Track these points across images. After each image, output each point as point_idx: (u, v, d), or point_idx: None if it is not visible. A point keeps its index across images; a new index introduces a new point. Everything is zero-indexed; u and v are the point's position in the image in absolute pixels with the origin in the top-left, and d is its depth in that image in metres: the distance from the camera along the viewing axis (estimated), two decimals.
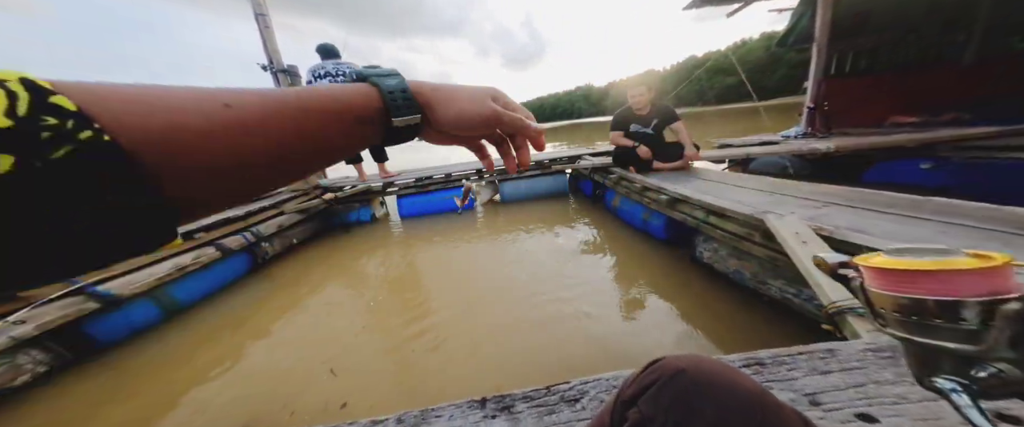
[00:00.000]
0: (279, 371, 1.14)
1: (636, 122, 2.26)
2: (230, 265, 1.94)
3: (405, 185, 3.18)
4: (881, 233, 0.89)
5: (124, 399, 1.06)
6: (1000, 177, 1.89)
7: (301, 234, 2.59)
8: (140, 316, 1.47)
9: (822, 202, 1.23)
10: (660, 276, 1.52)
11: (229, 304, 1.70)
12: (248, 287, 1.90)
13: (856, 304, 0.62)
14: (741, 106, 49.61)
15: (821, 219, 1.04)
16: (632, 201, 2.17)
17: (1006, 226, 0.83)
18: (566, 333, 1.16)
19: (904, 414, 0.36)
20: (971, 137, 2.09)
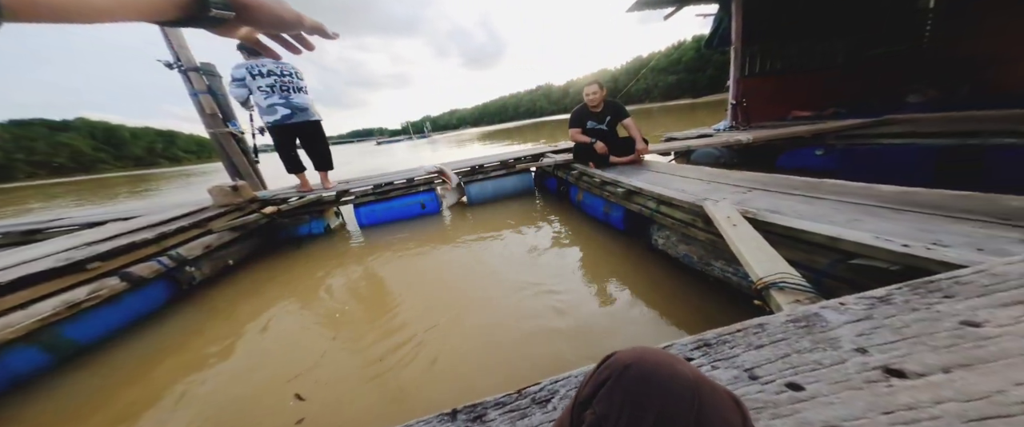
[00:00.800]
0: (226, 401, 0.99)
1: (592, 119, 2.38)
2: (144, 296, 1.65)
3: (363, 193, 2.95)
4: (790, 211, 1.06)
5: None
6: (870, 160, 2.38)
7: (239, 254, 2.27)
8: (22, 364, 1.20)
9: (747, 188, 1.42)
10: (622, 265, 1.62)
11: (151, 339, 1.44)
12: (175, 318, 1.62)
13: (778, 279, 0.73)
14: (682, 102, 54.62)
15: (746, 203, 1.20)
16: (593, 195, 2.28)
17: (876, 201, 1.04)
18: (537, 330, 1.18)
19: (821, 379, 0.41)
20: (846, 128, 2.59)
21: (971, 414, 0.33)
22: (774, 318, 0.52)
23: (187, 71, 2.53)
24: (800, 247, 0.91)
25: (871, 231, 0.82)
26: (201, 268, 1.96)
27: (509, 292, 1.47)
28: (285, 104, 2.41)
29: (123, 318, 1.55)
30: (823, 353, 0.44)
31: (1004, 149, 1.77)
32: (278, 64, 2.40)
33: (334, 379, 1.06)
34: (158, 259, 1.74)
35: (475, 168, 3.37)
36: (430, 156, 12.33)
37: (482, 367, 1.04)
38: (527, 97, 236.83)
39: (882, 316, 0.48)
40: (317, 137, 2.69)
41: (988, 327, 0.42)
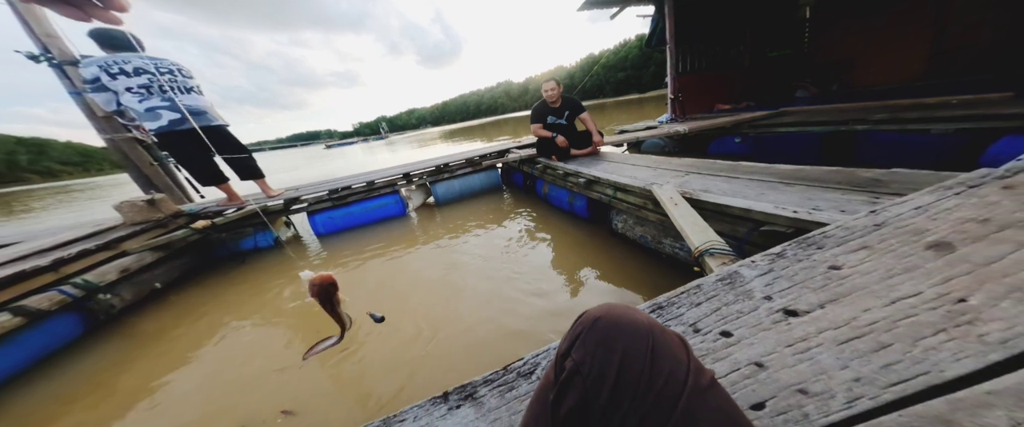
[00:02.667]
0: None
1: (552, 114, 2.49)
2: (48, 331, 1.38)
3: (317, 199, 2.70)
4: (717, 190, 1.26)
5: None
6: (774, 144, 2.89)
7: (167, 275, 1.96)
8: None
9: (685, 172, 1.64)
10: (587, 249, 1.76)
11: (66, 378, 1.22)
12: (96, 351, 1.38)
13: (708, 247, 0.88)
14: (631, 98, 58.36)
15: (685, 185, 1.40)
16: (558, 187, 2.41)
17: (775, 178, 1.30)
18: (516, 318, 1.25)
19: (744, 325, 0.51)
20: (755, 119, 3.10)
21: (840, 338, 0.44)
22: (707, 279, 0.64)
23: (62, 65, 2.03)
24: (725, 220, 1.11)
25: (772, 202, 1.03)
26: (120, 294, 1.67)
27: (484, 286, 1.51)
28: (170, 107, 1.97)
29: (20, 359, 1.28)
30: (743, 304, 0.54)
31: (864, 133, 2.30)
32: (150, 59, 1.94)
33: (300, 401, 1.00)
34: (59, 288, 1.43)
35: (440, 167, 3.30)
36: (389, 159, 11.63)
37: (467, 360, 1.07)
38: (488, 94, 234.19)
39: (780, 268, 0.61)
40: (227, 144, 2.29)
41: (845, 269, 0.57)
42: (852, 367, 0.40)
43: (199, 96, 2.16)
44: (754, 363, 0.45)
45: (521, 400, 0.47)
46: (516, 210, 2.67)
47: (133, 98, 1.91)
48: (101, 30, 1.87)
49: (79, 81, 2.03)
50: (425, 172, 3.25)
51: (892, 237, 0.59)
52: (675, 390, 0.24)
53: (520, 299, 1.36)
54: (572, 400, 0.26)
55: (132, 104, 1.92)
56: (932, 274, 0.49)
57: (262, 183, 2.57)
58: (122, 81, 1.87)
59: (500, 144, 4.60)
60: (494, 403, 0.48)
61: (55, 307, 1.40)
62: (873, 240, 0.60)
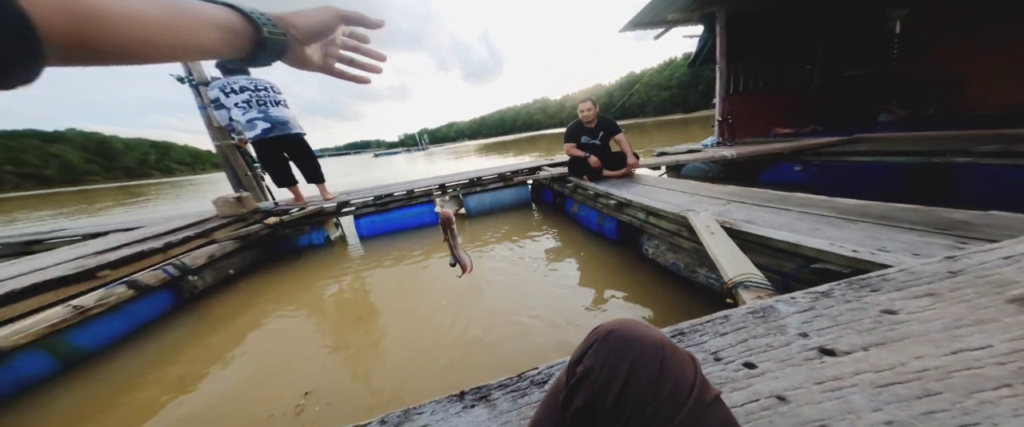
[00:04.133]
0: (223, 408, 1.02)
1: (586, 134, 2.53)
2: (148, 304, 1.67)
3: (363, 204, 3.03)
4: (763, 222, 1.17)
5: None
6: (845, 175, 2.55)
7: (240, 264, 2.30)
8: (29, 369, 1.22)
9: (726, 200, 1.54)
10: (614, 272, 1.71)
11: (152, 347, 1.46)
12: (176, 326, 1.64)
13: (744, 279, 0.83)
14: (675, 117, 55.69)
15: (725, 214, 1.32)
16: (588, 207, 2.39)
17: (833, 212, 1.16)
18: (535, 333, 1.25)
19: (771, 358, 0.49)
20: (822, 145, 2.78)
21: (879, 382, 0.42)
22: (737, 310, 0.61)
23: (198, 85, 2.64)
24: (768, 253, 1.02)
25: (828, 238, 0.93)
26: (203, 277, 1.98)
27: (508, 301, 1.53)
28: (264, 118, 2.44)
29: (127, 326, 1.58)
30: (774, 338, 0.53)
31: (965, 167, 1.93)
32: (251, 79, 2.44)
33: (331, 388, 1.10)
34: (164, 268, 1.76)
35: (473, 180, 3.49)
36: (426, 169, 12.44)
37: (488, 365, 1.10)
38: (524, 111, 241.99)
39: (822, 307, 0.57)
40: (302, 151, 2.70)
41: (901, 314, 0.52)
42: (887, 410, 0.37)
43: (285, 109, 2.62)
44: (776, 396, 0.43)
45: (532, 406, 0.49)
46: (543, 227, 2.69)
47: (238, 112, 2.42)
48: (227, 63, 2.43)
49: (206, 99, 2.62)
50: (459, 184, 3.46)
51: (968, 286, 0.52)
52: (678, 401, 0.25)
53: (540, 315, 1.37)
54: (579, 401, 0.28)
55: (238, 117, 2.44)
56: (1010, 329, 0.42)
57: (321, 187, 2.97)
58: (232, 98, 2.40)
59: (532, 160, 4.72)
60: (506, 406, 0.50)
61: (158, 284, 1.70)
62: (943, 288, 0.53)
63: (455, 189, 3.43)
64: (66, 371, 1.32)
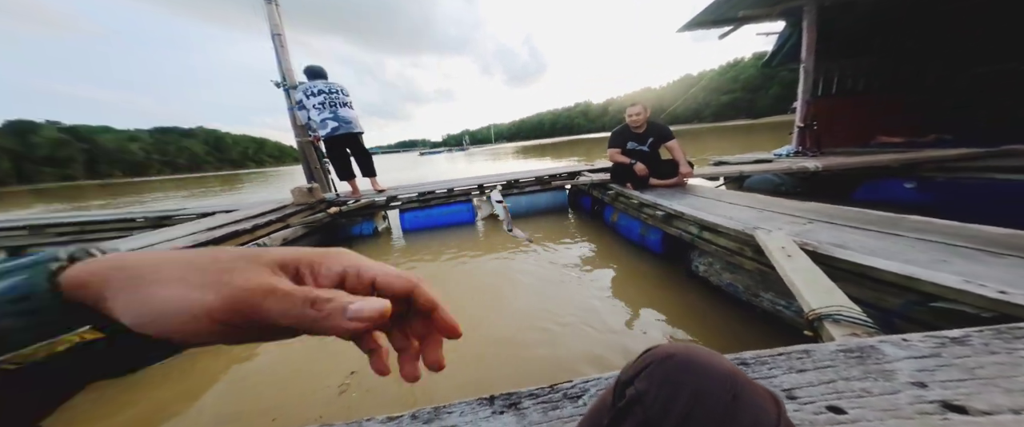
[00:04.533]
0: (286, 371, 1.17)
1: (633, 140, 2.38)
2: None
3: (408, 199, 3.26)
4: (859, 247, 0.96)
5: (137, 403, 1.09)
6: (983, 197, 1.97)
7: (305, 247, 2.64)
8: None
9: (808, 219, 1.30)
10: (656, 288, 1.56)
11: None
12: None
13: (834, 311, 0.68)
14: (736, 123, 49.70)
15: (806, 235, 1.11)
16: (630, 216, 2.24)
17: (969, 242, 0.90)
18: (565, 341, 1.19)
19: (868, 406, 0.40)
20: (951, 158, 2.20)
21: None
22: (823, 346, 0.51)
23: (288, 89, 3.13)
24: (867, 285, 0.82)
25: (960, 274, 0.71)
26: None
27: (538, 305, 1.50)
28: (334, 118, 2.81)
29: None
30: (874, 383, 0.43)
31: None
32: (328, 83, 2.80)
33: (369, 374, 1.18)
34: (252, 246, 2.12)
35: (511, 182, 3.52)
36: (465, 168, 12.87)
37: (514, 370, 1.09)
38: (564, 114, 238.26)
39: (952, 356, 0.44)
40: (360, 148, 3.06)
41: None
42: None
43: (350, 110, 2.99)
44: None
45: (564, 421, 0.46)
46: (580, 234, 2.59)
47: (315, 112, 2.83)
48: (310, 66, 2.89)
49: (293, 100, 3.10)
50: (497, 185, 3.53)
51: None
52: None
53: (570, 323, 1.31)
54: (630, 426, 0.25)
55: (314, 117, 2.84)
56: None
57: (374, 181, 3.29)
58: (312, 100, 2.81)
59: (569, 165, 4.60)
60: (536, 418, 0.48)
61: None
62: None
63: (493, 189, 3.50)
64: None
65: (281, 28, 3.06)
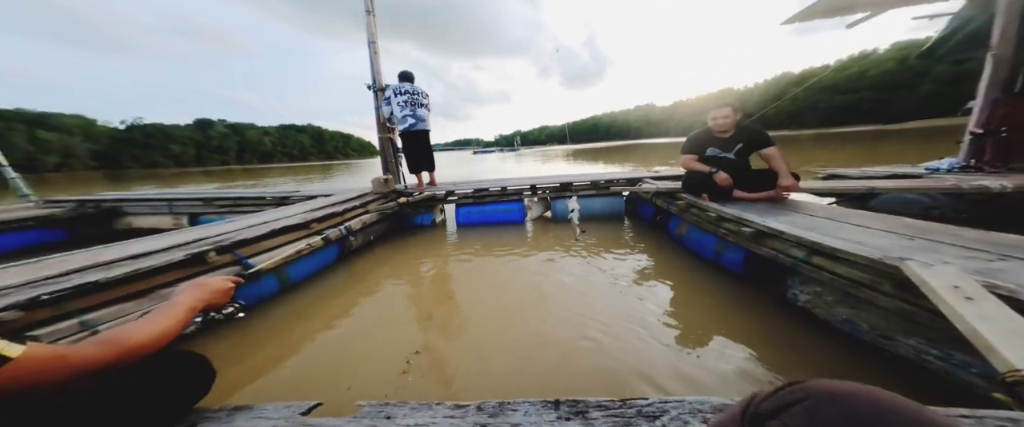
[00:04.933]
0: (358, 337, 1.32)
1: (715, 146, 2.06)
2: (327, 253, 2.16)
3: (464, 195, 3.44)
4: None
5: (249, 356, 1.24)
6: None
7: (377, 232, 2.89)
8: (267, 288, 1.71)
9: (997, 254, 0.92)
10: (732, 312, 1.33)
11: (321, 286, 1.97)
12: (335, 274, 2.17)
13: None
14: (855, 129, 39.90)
15: (997, 274, 0.79)
16: (703, 231, 1.96)
17: None
18: (615, 353, 1.09)
19: None
20: None
21: None
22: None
23: (376, 90, 3.61)
24: None
25: None
26: (356, 239, 2.56)
27: (584, 313, 1.40)
28: (412, 115, 3.23)
29: (313, 268, 2.00)
30: None
31: None
32: (414, 87, 3.24)
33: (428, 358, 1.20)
34: (340, 227, 2.37)
35: (564, 185, 3.43)
36: (514, 168, 12.95)
37: (558, 372, 1.04)
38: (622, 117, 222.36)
39: None
40: (425, 145, 3.42)
41: None
42: None
43: (425, 110, 3.37)
44: None
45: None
46: (636, 244, 2.38)
47: (398, 109, 3.28)
48: (403, 71, 3.38)
49: (380, 101, 3.54)
50: (549, 187, 3.47)
51: None
52: None
53: (622, 337, 1.19)
54: None
55: (396, 112, 3.29)
56: None
57: (433, 176, 3.59)
58: (398, 98, 3.26)
59: (629, 170, 4.26)
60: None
61: (336, 239, 2.12)
62: None
63: (545, 192, 3.47)
64: (281, 293, 1.75)
65: (376, 37, 3.53)
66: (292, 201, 3.21)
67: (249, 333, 1.38)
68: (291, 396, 0.97)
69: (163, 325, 0.48)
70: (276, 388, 1.06)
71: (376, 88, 3.53)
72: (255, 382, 1.09)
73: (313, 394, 0.94)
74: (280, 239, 1.85)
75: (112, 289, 1.15)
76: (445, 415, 0.54)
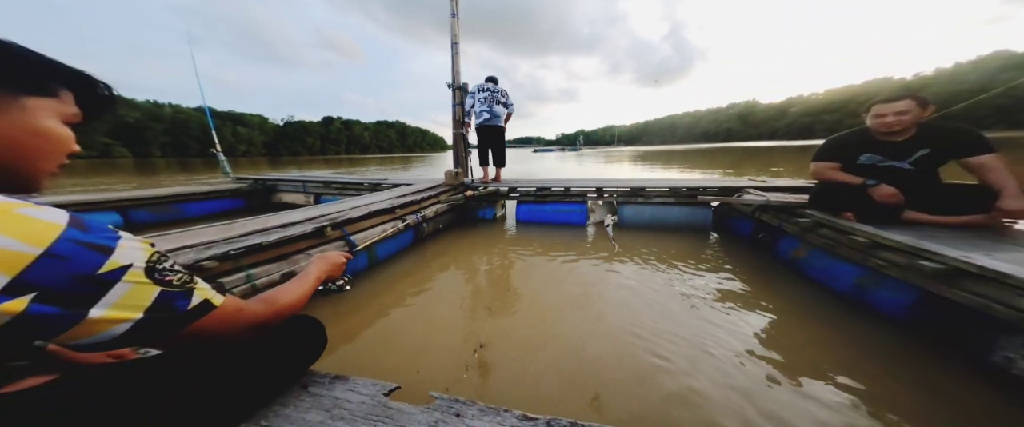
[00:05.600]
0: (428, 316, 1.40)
1: (875, 151, 1.51)
2: (405, 237, 2.35)
3: (526, 192, 3.43)
4: None
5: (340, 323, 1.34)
6: None
7: (445, 221, 3.10)
8: (359, 264, 1.86)
9: None
10: (884, 365, 0.98)
11: (398, 267, 2.03)
12: (408, 257, 2.24)
13: None
14: None
15: None
16: (837, 258, 1.51)
17: None
18: (695, 385, 0.90)
19: None
20: None
21: None
22: None
23: (455, 89, 3.88)
24: None
25: None
26: (428, 226, 2.78)
27: (654, 334, 1.20)
28: (488, 110, 3.45)
29: (393, 249, 2.18)
30: None
31: None
32: (495, 86, 3.49)
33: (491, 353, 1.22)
34: (416, 214, 2.63)
35: (635, 189, 3.09)
36: (572, 168, 12.44)
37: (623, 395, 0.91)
38: (709, 117, 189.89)
39: None
40: (497, 140, 3.59)
41: None
42: None
43: (502, 108, 3.57)
44: None
45: None
46: (722, 262, 1.98)
47: (478, 105, 3.55)
48: (490, 75, 3.68)
49: (458, 98, 3.78)
50: (617, 190, 3.18)
51: None
52: None
53: (698, 368, 0.97)
54: None
55: (476, 107, 3.56)
56: None
57: (499, 171, 3.69)
58: (479, 94, 3.56)
59: (714, 178, 3.57)
60: None
61: (413, 224, 2.32)
62: None
63: (612, 195, 3.19)
64: (368, 269, 1.90)
65: (458, 38, 3.77)
66: (382, 188, 3.68)
67: (341, 304, 1.50)
68: (371, 370, 1.06)
69: (301, 291, 0.53)
70: (358, 360, 1.12)
71: (455, 86, 3.77)
72: (341, 351, 1.15)
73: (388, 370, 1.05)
74: (372, 221, 2.10)
75: (269, 251, 1.39)
76: (512, 425, 0.51)
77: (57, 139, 0.36)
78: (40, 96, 0.34)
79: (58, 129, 0.36)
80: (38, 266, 0.27)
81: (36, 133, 0.34)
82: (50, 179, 0.36)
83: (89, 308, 0.30)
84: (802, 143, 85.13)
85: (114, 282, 0.31)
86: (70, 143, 0.37)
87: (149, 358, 0.49)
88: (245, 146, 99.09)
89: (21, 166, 0.33)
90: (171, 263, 0.36)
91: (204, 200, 3.88)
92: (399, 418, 0.51)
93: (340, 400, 0.55)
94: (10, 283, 0.26)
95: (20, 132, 0.33)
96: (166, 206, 3.55)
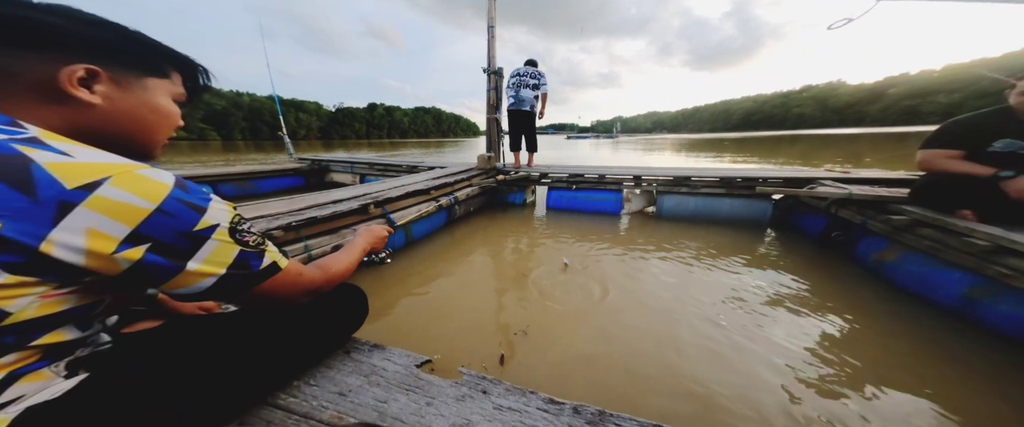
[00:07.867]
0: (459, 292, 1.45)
1: (1019, 136, 1.17)
2: (439, 217, 2.43)
3: (557, 179, 3.33)
4: None
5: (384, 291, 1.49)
6: None
7: (476, 204, 3.17)
8: (397, 240, 1.97)
9: None
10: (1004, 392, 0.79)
11: (430, 246, 2.12)
12: (440, 237, 2.31)
13: None
14: None
15: None
16: (941, 263, 1.24)
17: None
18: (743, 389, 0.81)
19: None
20: None
21: None
22: None
23: (490, 74, 3.81)
24: None
25: None
26: (460, 208, 2.85)
27: (698, 334, 1.11)
28: (515, 95, 3.38)
29: (427, 229, 2.27)
30: None
31: None
32: (528, 69, 3.38)
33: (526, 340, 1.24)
34: (449, 196, 2.71)
35: (679, 179, 2.82)
36: (605, 156, 11.78)
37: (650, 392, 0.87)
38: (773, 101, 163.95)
39: None
40: (528, 125, 3.50)
41: None
42: None
43: (529, 91, 3.44)
44: None
45: None
46: (778, 262, 1.76)
47: (509, 90, 3.51)
48: (531, 58, 3.56)
49: (493, 84, 3.71)
50: (657, 179, 2.93)
51: None
52: None
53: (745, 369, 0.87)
54: None
55: (508, 92, 3.52)
56: None
57: (531, 157, 3.62)
58: (511, 79, 3.49)
59: (775, 169, 3.09)
60: None
61: (446, 206, 2.39)
62: None
63: (652, 184, 2.95)
64: (405, 247, 2.01)
65: (495, 21, 3.65)
66: (419, 170, 3.85)
67: (379, 278, 1.59)
68: (404, 341, 1.11)
69: (349, 260, 0.56)
70: (393, 331, 1.18)
71: (490, 71, 3.70)
72: (380, 321, 1.22)
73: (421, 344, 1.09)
74: (410, 201, 2.22)
75: (322, 224, 1.52)
76: (538, 407, 0.51)
77: (169, 114, 0.40)
78: (158, 77, 0.39)
79: (170, 106, 0.40)
80: (151, 220, 0.30)
81: (154, 109, 0.38)
82: (161, 150, 0.41)
83: (187, 261, 0.33)
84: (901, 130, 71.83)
85: (206, 238, 0.34)
86: (178, 118, 0.42)
87: (230, 313, 0.57)
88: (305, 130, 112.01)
89: (141, 137, 0.38)
90: (248, 225, 0.40)
91: (272, 177, 4.50)
92: (429, 389, 0.54)
93: (377, 367, 0.59)
94: (131, 234, 0.30)
95: (143, 107, 0.37)
96: (244, 182, 4.14)
